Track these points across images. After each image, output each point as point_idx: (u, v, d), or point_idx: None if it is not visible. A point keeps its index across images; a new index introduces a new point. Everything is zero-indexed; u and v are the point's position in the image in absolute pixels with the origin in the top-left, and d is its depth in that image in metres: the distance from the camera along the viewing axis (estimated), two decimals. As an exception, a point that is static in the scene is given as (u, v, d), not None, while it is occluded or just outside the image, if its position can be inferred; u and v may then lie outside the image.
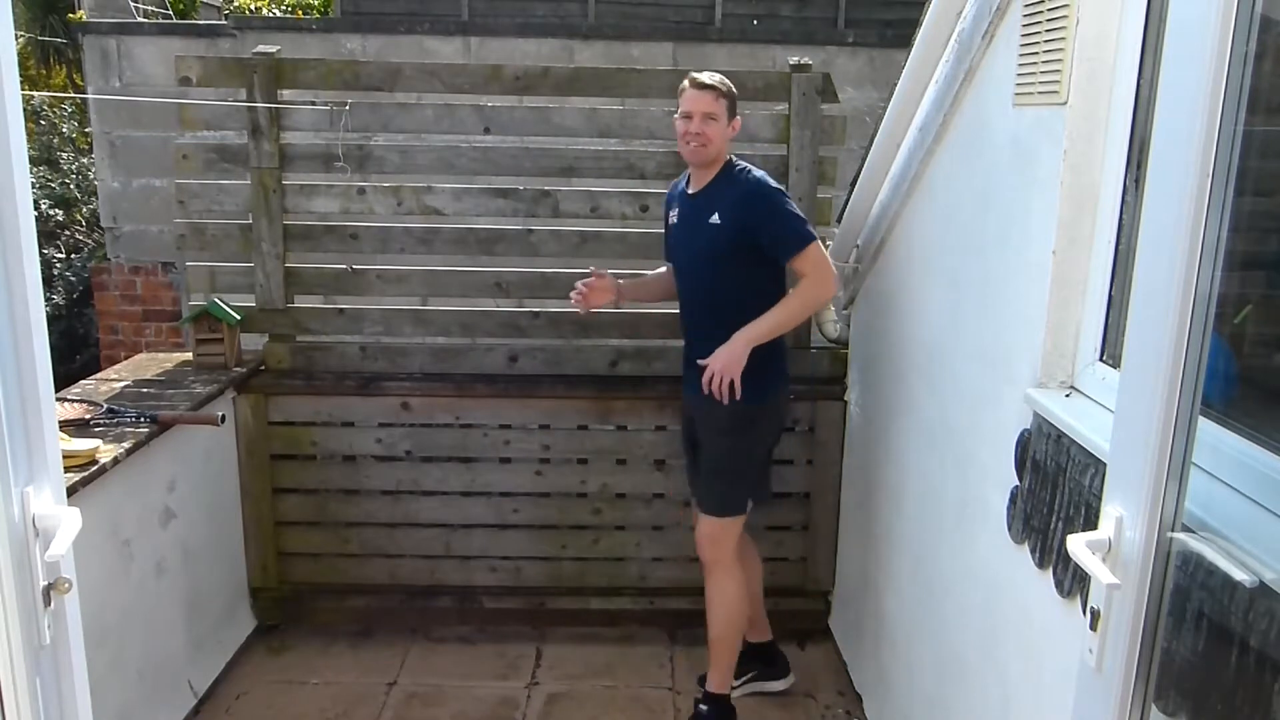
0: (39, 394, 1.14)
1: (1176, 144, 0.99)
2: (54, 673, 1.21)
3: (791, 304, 2.52)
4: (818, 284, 2.49)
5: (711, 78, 2.52)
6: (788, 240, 2.47)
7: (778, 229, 2.48)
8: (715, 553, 2.70)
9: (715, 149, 2.53)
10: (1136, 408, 1.06)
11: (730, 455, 2.67)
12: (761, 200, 2.51)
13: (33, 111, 8.91)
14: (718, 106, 2.50)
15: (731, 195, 2.54)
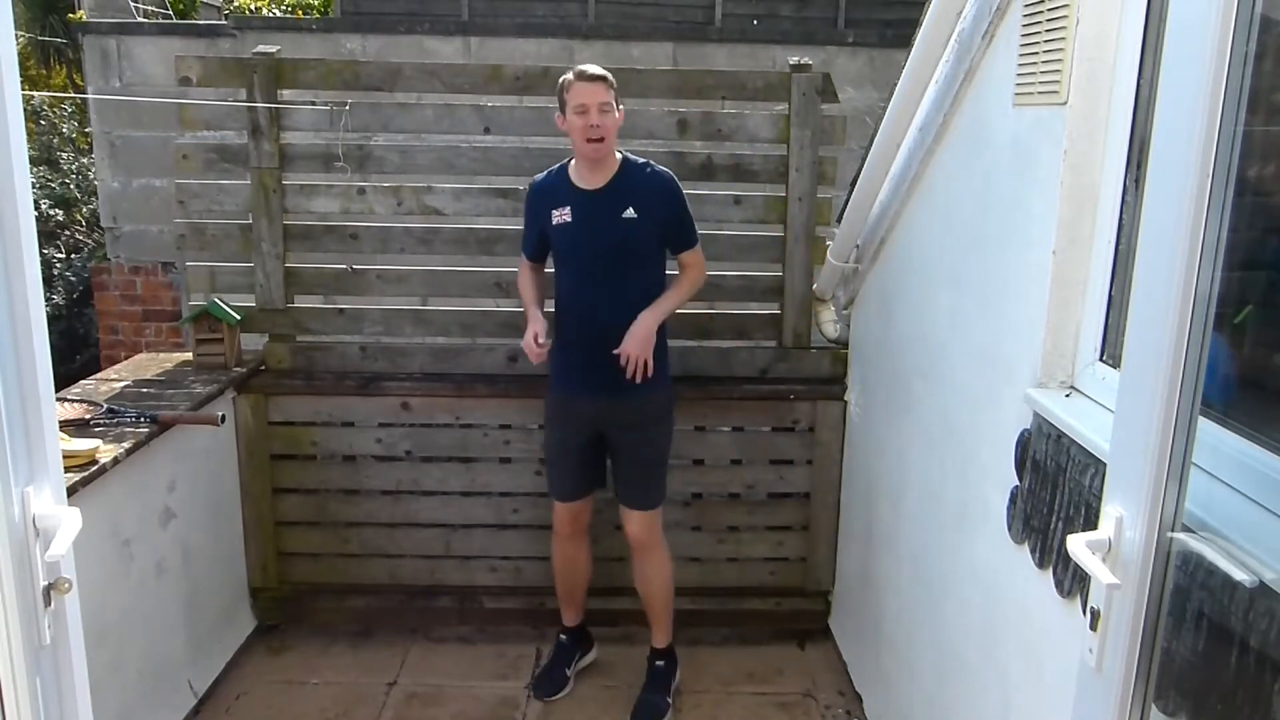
0: (39, 394, 1.14)
1: (1176, 144, 0.99)
2: (54, 673, 1.21)
3: (683, 289, 2.69)
4: (701, 274, 2.72)
5: (596, 69, 2.54)
6: (691, 235, 2.71)
7: (688, 223, 2.70)
8: (649, 537, 2.82)
9: (613, 141, 2.59)
10: (1136, 408, 1.06)
11: (666, 442, 2.81)
12: (678, 195, 2.67)
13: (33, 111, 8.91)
14: (610, 97, 2.54)
15: (646, 188, 2.62)
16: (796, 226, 3.14)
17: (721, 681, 3.05)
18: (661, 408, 2.76)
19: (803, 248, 3.16)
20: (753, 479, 3.27)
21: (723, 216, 3.21)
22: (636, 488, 2.77)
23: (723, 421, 3.25)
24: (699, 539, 3.31)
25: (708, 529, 3.31)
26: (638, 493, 2.77)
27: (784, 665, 3.16)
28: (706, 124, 3.15)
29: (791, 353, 3.24)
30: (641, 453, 2.75)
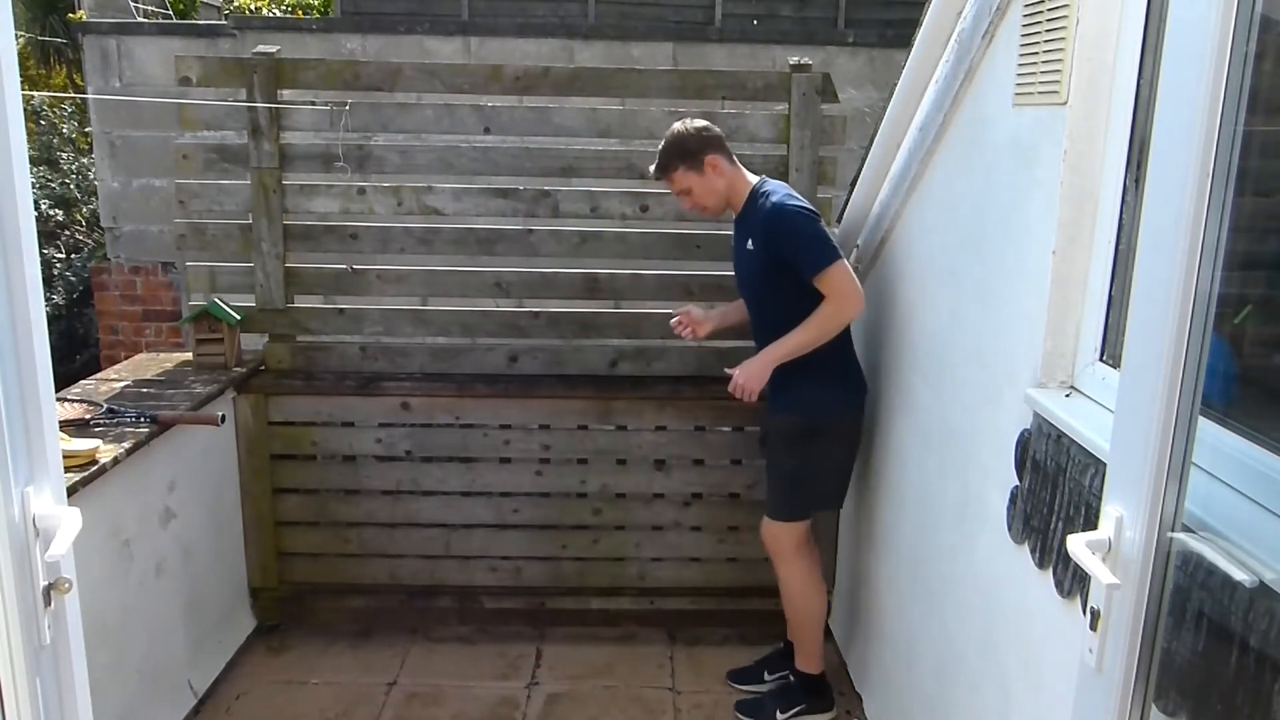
0: (39, 394, 1.14)
1: (1176, 144, 0.99)
2: (54, 673, 1.21)
3: (810, 326, 2.53)
4: (836, 306, 2.51)
5: (651, 169, 2.64)
6: (806, 261, 2.50)
7: (799, 249, 2.51)
8: (774, 546, 2.82)
9: (714, 202, 2.64)
10: (1136, 408, 1.06)
11: (792, 465, 2.74)
12: (781, 222, 2.54)
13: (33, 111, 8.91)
14: (676, 183, 2.62)
15: (756, 220, 2.60)
16: (796, 226, 3.13)
17: (721, 681, 3.05)
18: (787, 434, 2.72)
19: (803, 248, 3.15)
20: (752, 479, 3.27)
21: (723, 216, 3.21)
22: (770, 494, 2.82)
23: (723, 421, 3.25)
24: (699, 539, 3.31)
25: (708, 529, 3.31)
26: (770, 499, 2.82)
27: (784, 665, 3.16)
28: (706, 124, 3.14)
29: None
30: (768, 464, 2.83)
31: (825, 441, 2.72)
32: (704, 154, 2.57)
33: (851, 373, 2.74)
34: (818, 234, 2.52)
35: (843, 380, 2.71)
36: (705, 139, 2.59)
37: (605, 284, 3.21)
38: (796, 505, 2.76)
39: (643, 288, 3.23)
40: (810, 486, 2.77)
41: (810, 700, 2.86)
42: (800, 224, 2.52)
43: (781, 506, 2.77)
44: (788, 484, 2.76)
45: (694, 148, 2.57)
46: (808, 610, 2.83)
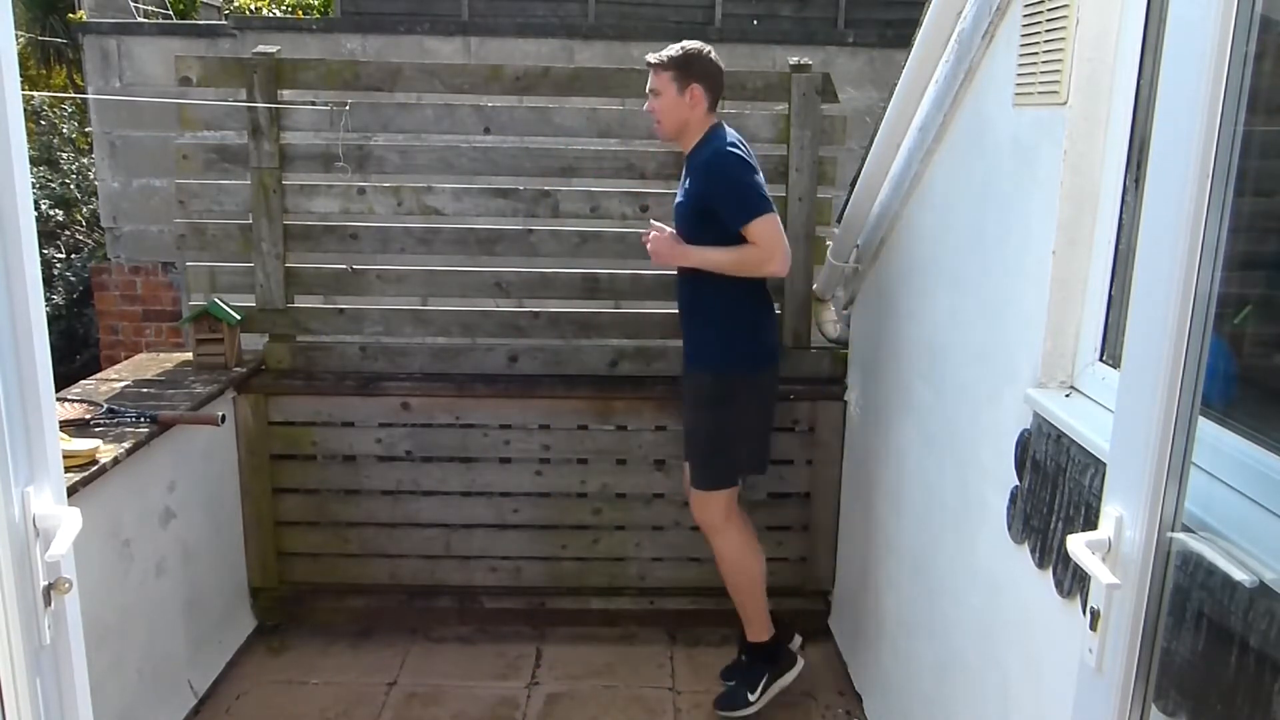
0: (39, 394, 1.14)
1: (1176, 144, 0.99)
2: (54, 673, 1.21)
3: (731, 252, 2.51)
4: (762, 253, 2.48)
5: (655, 54, 2.57)
6: (737, 208, 2.48)
7: (731, 196, 2.49)
8: (704, 517, 2.77)
9: (670, 123, 2.58)
10: (1136, 408, 1.06)
11: (706, 428, 2.71)
12: (718, 168, 2.51)
13: (33, 111, 8.90)
14: (658, 80, 2.56)
15: (698, 160, 2.58)
16: (796, 226, 3.14)
17: (722, 682, 3.04)
18: (704, 393, 2.68)
19: (803, 248, 3.15)
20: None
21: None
22: (691, 463, 2.78)
23: (723, 421, 3.24)
24: (699, 539, 3.28)
25: (708, 529, 3.31)
26: (691, 469, 2.77)
27: (784, 665, 3.16)
28: (706, 124, 3.14)
29: (791, 353, 3.24)
30: (686, 429, 2.79)
31: (736, 402, 2.66)
32: (696, 80, 2.54)
33: (763, 334, 2.70)
34: (752, 184, 2.49)
35: (753, 339, 2.66)
36: (707, 71, 2.56)
37: (605, 284, 3.21)
38: (719, 471, 2.71)
39: (643, 288, 3.23)
40: (728, 450, 2.71)
41: (771, 667, 2.84)
42: (736, 172, 2.50)
43: (703, 474, 2.72)
44: (705, 448, 2.72)
45: (694, 69, 2.54)
46: (746, 578, 2.78)
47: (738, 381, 2.67)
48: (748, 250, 2.49)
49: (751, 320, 2.65)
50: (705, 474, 2.73)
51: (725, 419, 2.67)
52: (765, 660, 2.85)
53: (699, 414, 2.72)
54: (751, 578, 2.79)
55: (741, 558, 2.77)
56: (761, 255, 2.49)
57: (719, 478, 2.72)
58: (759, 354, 2.69)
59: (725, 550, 2.77)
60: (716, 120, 2.63)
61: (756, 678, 2.83)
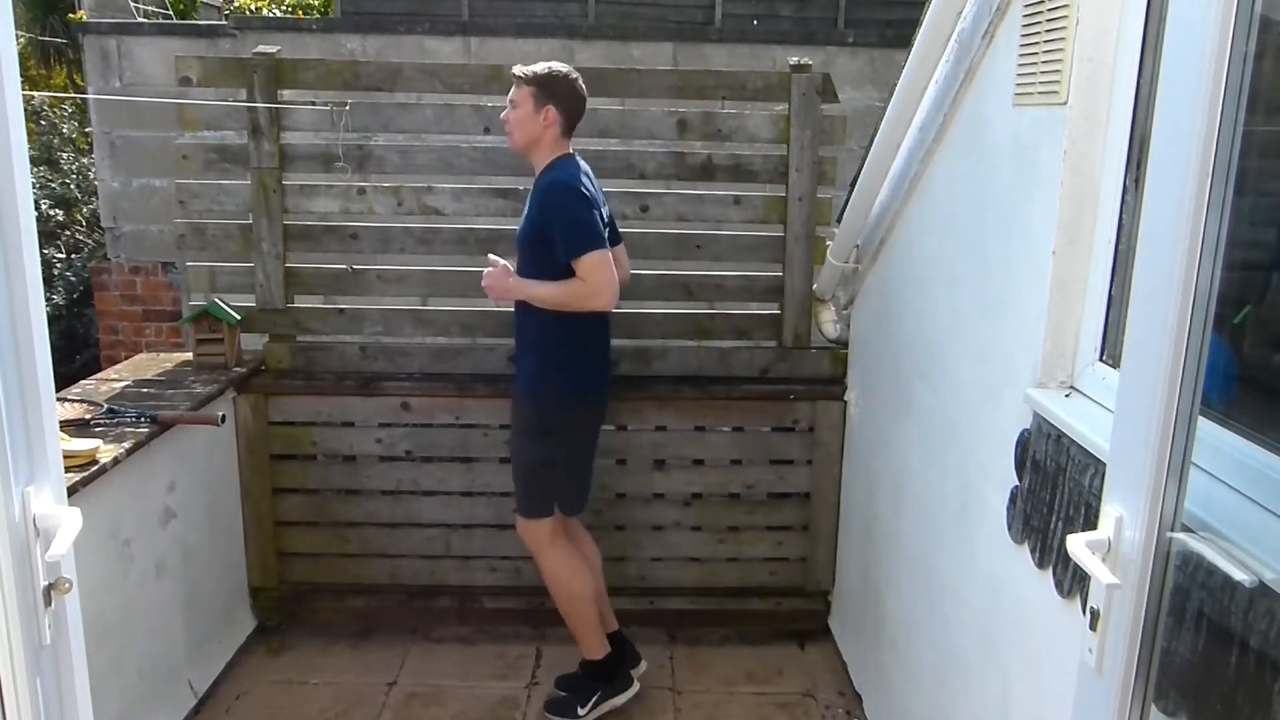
0: (39, 394, 1.14)
1: (1176, 144, 0.99)
2: (54, 673, 1.21)
3: (557, 286, 2.52)
4: (588, 288, 2.48)
5: (521, 68, 2.58)
6: (568, 242, 2.49)
7: (563, 229, 2.50)
8: (527, 540, 2.79)
9: (520, 136, 2.59)
10: (1136, 408, 1.06)
11: (525, 458, 2.73)
12: (554, 199, 2.53)
13: (33, 111, 8.91)
14: (518, 93, 2.57)
15: (540, 185, 2.60)
16: (796, 226, 3.14)
17: (721, 681, 3.05)
18: (525, 422, 2.69)
19: (803, 248, 3.16)
20: (753, 479, 3.27)
21: (723, 216, 3.21)
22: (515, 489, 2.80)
23: (723, 421, 3.25)
24: (699, 539, 3.32)
25: (708, 529, 3.31)
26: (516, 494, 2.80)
27: (784, 665, 3.16)
28: (706, 124, 3.15)
29: (791, 353, 3.24)
30: (512, 457, 2.82)
31: (554, 435, 2.67)
32: (554, 102, 2.55)
33: (587, 371, 2.69)
34: (585, 220, 2.50)
35: (574, 375, 2.65)
36: (566, 95, 2.57)
37: (605, 284, 3.21)
38: (535, 501, 2.73)
39: (643, 288, 3.22)
40: (544, 483, 2.73)
41: (604, 686, 2.84)
42: (572, 205, 2.51)
43: (522, 502, 2.76)
44: (522, 478, 2.75)
45: (553, 90, 2.55)
46: (571, 597, 2.77)
47: (557, 416, 2.67)
48: (574, 285, 2.50)
49: (576, 356, 2.65)
50: (524, 503, 2.76)
51: (543, 451, 2.69)
52: (599, 678, 2.85)
53: (520, 442, 2.74)
54: (575, 597, 2.78)
55: (567, 578, 2.76)
56: (588, 290, 2.49)
57: (537, 507, 2.74)
58: (582, 386, 2.69)
59: (548, 570, 2.77)
60: (568, 151, 2.64)
61: (588, 694, 2.83)
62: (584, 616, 2.80)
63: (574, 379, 2.66)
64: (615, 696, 2.85)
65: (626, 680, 2.88)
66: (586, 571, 2.81)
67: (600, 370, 2.75)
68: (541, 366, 2.64)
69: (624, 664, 2.91)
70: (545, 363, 2.63)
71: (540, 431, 2.67)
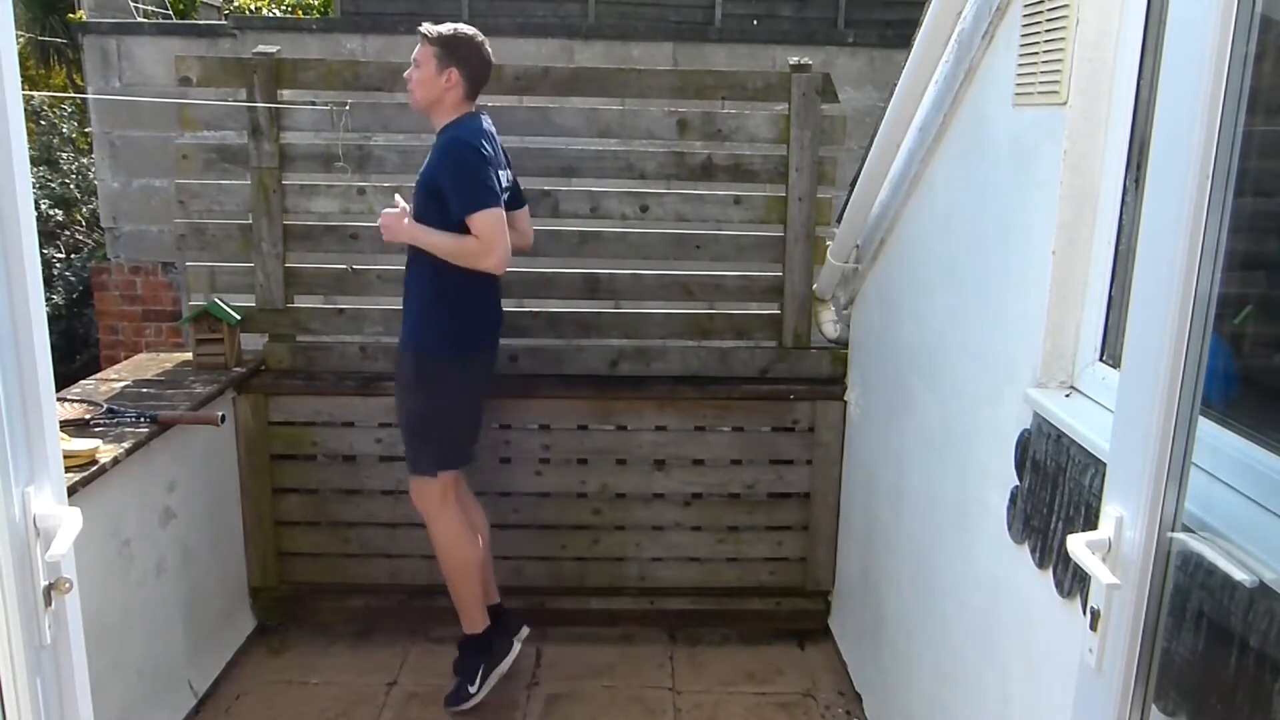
0: (39, 394, 1.14)
1: (1176, 144, 0.99)
2: (54, 673, 1.21)
3: (454, 240, 2.53)
4: (481, 246, 2.49)
5: (428, 26, 2.59)
6: (461, 198, 2.49)
7: (458, 184, 2.51)
8: (419, 502, 2.78)
9: (421, 96, 2.60)
10: (1136, 408, 1.06)
11: (410, 410, 2.73)
12: (451, 155, 2.54)
13: (33, 111, 8.90)
14: (422, 53, 2.58)
15: (438, 144, 2.61)
16: (796, 226, 3.14)
17: (721, 681, 3.05)
18: (408, 376, 2.69)
19: (803, 248, 3.16)
20: (753, 479, 3.27)
21: (723, 216, 3.21)
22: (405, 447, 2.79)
23: (723, 421, 3.25)
24: (699, 539, 3.32)
25: (708, 529, 3.31)
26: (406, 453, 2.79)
27: (784, 665, 3.16)
28: (706, 124, 3.15)
29: (791, 353, 3.24)
30: (397, 413, 2.80)
31: (437, 385, 2.67)
32: (456, 65, 2.55)
33: (469, 318, 2.67)
34: (481, 177, 2.50)
35: (455, 324, 2.65)
36: (470, 59, 2.57)
37: (605, 284, 3.21)
38: (426, 458, 2.72)
39: (643, 288, 3.23)
40: (434, 436, 2.72)
41: (486, 657, 2.85)
42: (469, 162, 2.51)
43: (413, 459, 2.75)
44: (412, 433, 2.74)
45: (457, 52, 2.56)
46: (459, 567, 2.77)
47: (438, 364, 2.66)
48: (468, 241, 2.51)
49: (459, 304, 2.64)
50: (414, 458, 2.75)
51: (428, 402, 2.68)
52: (479, 652, 2.86)
53: (404, 395, 2.73)
54: (463, 568, 2.77)
55: (454, 547, 2.76)
56: (479, 248, 2.50)
57: (427, 462, 2.72)
58: (461, 338, 2.67)
59: (437, 537, 2.77)
60: (473, 110, 2.65)
61: (473, 670, 2.84)
62: (470, 588, 2.80)
63: (454, 332, 2.66)
64: (498, 664, 2.87)
65: (506, 645, 2.90)
66: (476, 540, 2.80)
67: (483, 329, 2.74)
68: (422, 318, 2.65)
69: (502, 631, 2.92)
70: (426, 314, 2.64)
71: (419, 384, 2.67)
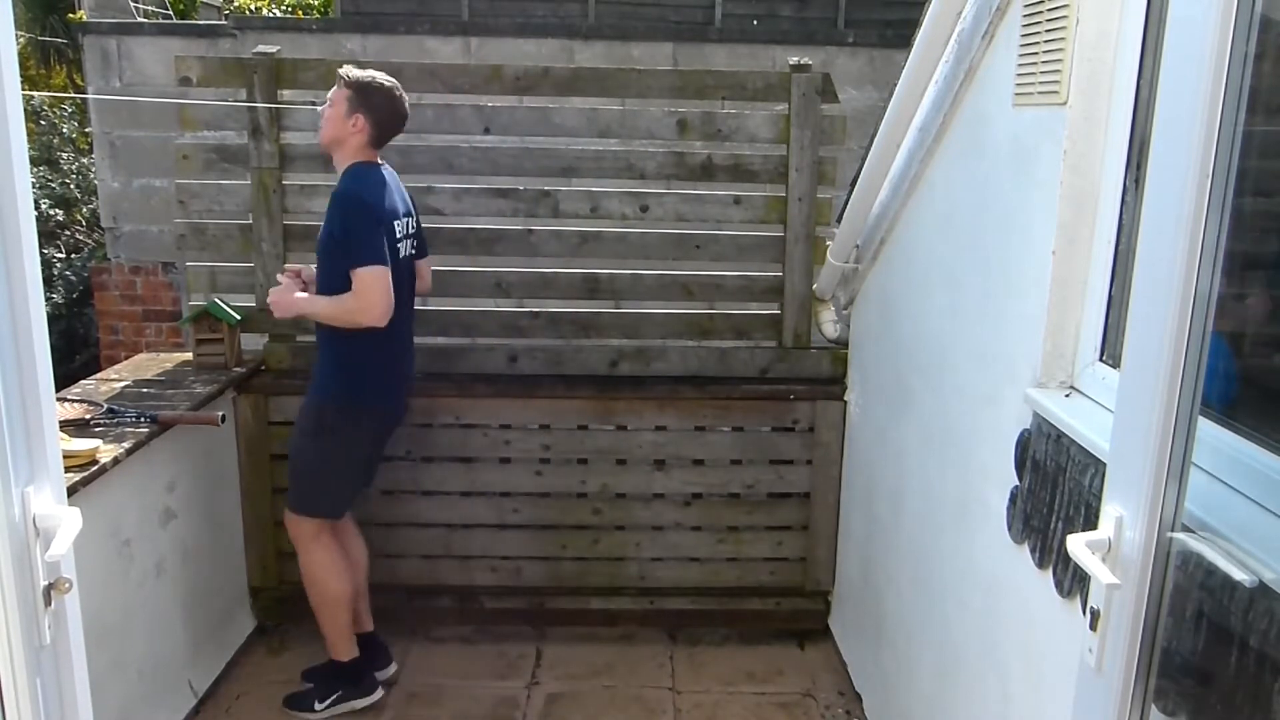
0: (39, 394, 1.14)
1: (1176, 144, 0.99)
2: (54, 673, 1.21)
3: (332, 302, 2.55)
4: (359, 304, 2.49)
5: (346, 69, 2.59)
6: (345, 252, 2.50)
7: (343, 240, 2.52)
8: (293, 532, 2.80)
9: (326, 133, 2.61)
10: (1136, 408, 1.06)
11: (303, 454, 2.74)
12: (338, 207, 2.55)
13: (33, 111, 8.90)
14: (336, 93, 2.59)
15: (335, 191, 2.61)
16: (796, 226, 3.14)
17: (721, 681, 3.05)
18: (307, 419, 2.71)
19: (803, 248, 3.16)
20: (753, 479, 3.27)
21: (723, 216, 3.21)
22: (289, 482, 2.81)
23: (723, 421, 3.25)
24: (699, 539, 3.32)
25: (708, 529, 3.31)
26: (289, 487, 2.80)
27: (784, 665, 3.16)
28: (706, 124, 3.15)
29: (791, 353, 3.24)
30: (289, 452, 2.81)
31: (329, 438, 2.70)
32: (364, 112, 2.55)
33: (373, 375, 2.68)
34: (365, 233, 2.50)
35: (358, 377, 2.66)
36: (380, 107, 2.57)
37: (605, 284, 3.21)
38: (308, 498, 2.75)
39: (643, 288, 3.23)
40: (321, 480, 2.74)
41: (347, 687, 2.84)
42: (355, 216, 2.52)
43: (292, 495, 2.77)
44: (295, 473, 2.76)
45: (369, 102, 2.56)
46: (324, 598, 2.77)
47: (336, 419, 2.69)
48: (345, 300, 2.51)
49: (366, 358, 2.64)
50: (294, 497, 2.77)
51: (319, 451, 2.71)
52: (344, 679, 2.85)
53: (300, 440, 2.74)
54: (329, 599, 2.77)
55: (323, 579, 2.76)
56: (359, 305, 2.49)
57: (310, 505, 2.75)
58: (367, 391, 2.69)
59: (306, 568, 2.78)
60: (375, 160, 2.65)
61: (329, 691, 2.83)
62: (334, 620, 2.80)
63: (357, 387, 2.67)
64: (356, 699, 2.85)
65: (371, 685, 2.89)
66: (346, 573, 2.80)
67: (386, 384, 2.72)
68: (327, 369, 2.68)
69: (371, 667, 2.92)
70: (331, 367, 2.67)
71: (317, 431, 2.70)
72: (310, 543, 2.75)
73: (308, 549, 2.76)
